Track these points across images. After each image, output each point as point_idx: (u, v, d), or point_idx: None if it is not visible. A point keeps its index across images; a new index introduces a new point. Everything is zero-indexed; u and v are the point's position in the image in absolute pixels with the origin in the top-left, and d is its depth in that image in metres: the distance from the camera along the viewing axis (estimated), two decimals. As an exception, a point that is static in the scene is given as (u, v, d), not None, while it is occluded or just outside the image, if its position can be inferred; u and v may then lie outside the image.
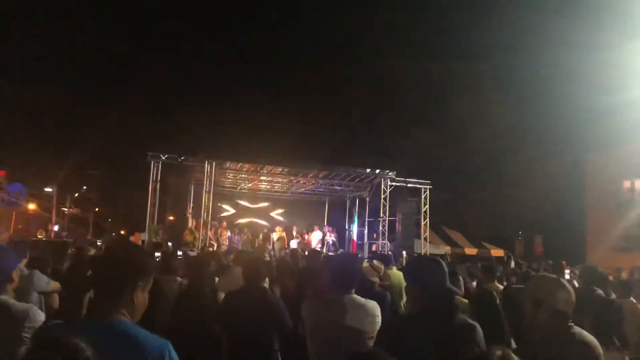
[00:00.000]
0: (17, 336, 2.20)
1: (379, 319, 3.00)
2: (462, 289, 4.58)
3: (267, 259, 6.96)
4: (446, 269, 2.42)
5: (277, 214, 20.95)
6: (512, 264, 11.05)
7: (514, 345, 2.96)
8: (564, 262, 14.27)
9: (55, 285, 4.33)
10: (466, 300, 3.95)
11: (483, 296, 3.66)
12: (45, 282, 4.14)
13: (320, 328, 3.06)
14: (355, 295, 3.10)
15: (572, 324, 2.38)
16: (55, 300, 4.32)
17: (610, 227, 25.86)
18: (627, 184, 26.93)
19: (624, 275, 9.84)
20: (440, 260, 2.44)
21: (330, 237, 19.06)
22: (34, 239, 18.82)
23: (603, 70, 25.23)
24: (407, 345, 2.21)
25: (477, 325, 2.32)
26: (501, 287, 5.58)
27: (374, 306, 3.07)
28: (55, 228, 28.33)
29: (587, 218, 28.89)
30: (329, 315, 3.01)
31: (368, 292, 4.64)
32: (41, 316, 2.34)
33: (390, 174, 17.91)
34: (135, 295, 1.74)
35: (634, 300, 4.81)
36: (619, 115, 23.84)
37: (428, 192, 18.88)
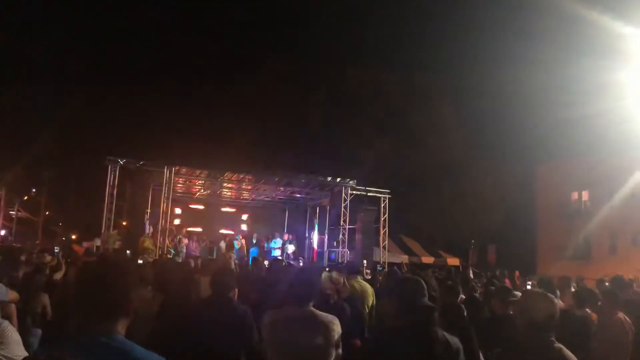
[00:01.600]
0: None
1: (336, 332, 3.02)
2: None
3: (233, 267, 6.89)
4: (425, 287, 2.50)
5: (240, 220, 20.75)
6: (471, 274, 11.34)
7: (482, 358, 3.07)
8: (517, 272, 14.77)
9: (13, 295, 4.16)
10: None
11: (451, 308, 3.75)
12: (4, 291, 3.96)
13: (279, 342, 3.07)
14: (312, 309, 3.12)
15: (554, 339, 2.49)
16: (12, 309, 4.15)
17: (559, 237, 26.98)
18: (575, 194, 28.16)
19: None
20: (419, 279, 2.52)
21: (290, 245, 19.04)
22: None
23: (557, 86, 26.38)
24: (389, 358, 2.25)
25: (457, 340, 2.40)
26: (463, 296, 5.73)
27: (332, 319, 3.09)
28: (2, 232, 27.10)
29: (538, 228, 30.02)
30: (287, 329, 3.02)
31: (325, 305, 4.68)
32: (13, 332, 2.26)
33: (350, 182, 18.10)
34: (129, 309, 1.73)
35: (589, 311, 5.03)
36: (568, 130, 24.95)
37: (387, 201, 19.17)
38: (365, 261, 14.56)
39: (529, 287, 6.92)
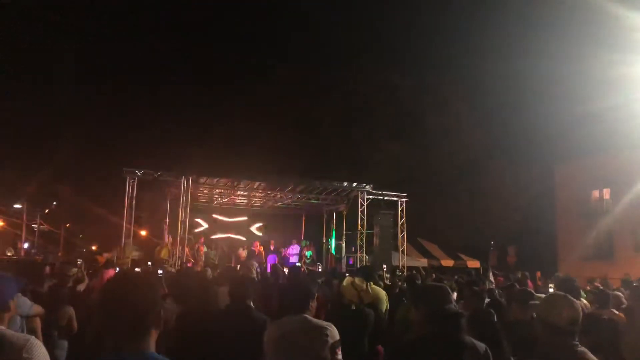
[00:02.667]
0: None
1: (330, 338, 3.03)
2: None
3: (254, 275, 6.89)
4: (450, 293, 2.48)
5: (255, 228, 20.79)
6: (491, 276, 11.21)
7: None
8: (538, 273, 14.56)
9: (37, 309, 4.21)
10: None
11: (480, 314, 3.70)
12: (28, 306, 4.03)
13: (276, 350, 3.11)
14: (307, 316, 3.14)
15: (577, 343, 2.44)
16: (37, 323, 4.20)
17: (580, 236, 26.50)
18: (596, 193, 27.66)
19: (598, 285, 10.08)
20: (445, 285, 2.50)
21: (308, 252, 19.03)
22: (2, 257, 18.29)
23: (573, 81, 26.05)
24: None
25: (486, 347, 2.37)
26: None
27: (326, 325, 3.11)
28: (25, 245, 27.55)
29: (557, 227, 29.56)
30: (284, 340, 3.05)
31: (347, 310, 4.66)
32: (41, 347, 2.26)
33: (367, 187, 18.03)
34: (157, 322, 1.72)
35: (616, 311, 4.93)
36: (588, 126, 24.60)
37: (404, 204, 19.06)
38: (385, 266, 14.47)
39: (550, 290, 6.78)
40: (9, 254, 20.57)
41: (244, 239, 19.71)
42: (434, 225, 31.19)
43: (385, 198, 18.92)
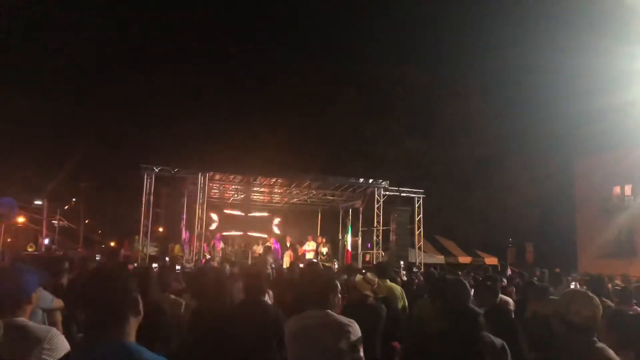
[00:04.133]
0: (36, 359, 2.19)
1: (352, 335, 3.01)
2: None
3: (270, 271, 6.91)
4: (469, 289, 2.44)
5: (272, 224, 20.84)
6: (509, 272, 11.09)
7: None
8: (557, 270, 14.36)
9: (58, 303, 4.27)
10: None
11: (498, 310, 3.65)
12: (49, 300, 4.08)
13: (298, 345, 3.09)
14: (329, 311, 3.12)
15: (596, 339, 2.39)
16: (58, 317, 4.27)
17: (600, 233, 26.08)
18: (616, 189, 27.19)
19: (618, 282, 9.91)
20: (464, 280, 2.46)
21: (324, 248, 19.03)
22: (24, 252, 18.61)
23: (592, 75, 25.60)
24: None
25: (503, 343, 2.34)
26: (510, 299, 5.56)
27: (348, 322, 3.08)
28: (46, 241, 28.00)
29: (577, 224, 29.13)
30: (306, 334, 3.03)
31: (361, 305, 4.63)
32: (62, 339, 2.32)
33: (383, 183, 17.95)
34: (137, 313, 1.75)
35: (638, 308, 4.83)
36: (608, 120, 24.15)
37: (421, 201, 18.93)
38: (402, 262, 14.40)
39: (572, 286, 6.67)
40: (30, 249, 20.92)
41: (260, 235, 19.78)
42: (451, 222, 30.96)
43: (402, 194, 18.82)
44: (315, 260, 15.65)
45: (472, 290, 6.24)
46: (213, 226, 18.87)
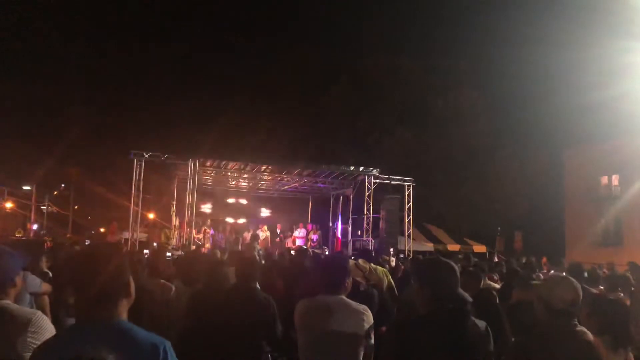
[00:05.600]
0: (21, 342, 2.16)
1: (366, 322, 3.01)
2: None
3: (257, 258, 6.93)
4: (458, 274, 2.45)
5: (261, 212, 20.86)
6: (495, 259, 11.22)
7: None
8: (544, 258, 14.52)
9: (46, 287, 4.31)
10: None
11: (482, 295, 3.69)
12: (37, 283, 4.12)
13: (310, 331, 3.06)
14: (343, 297, 3.11)
15: (577, 323, 2.45)
16: (46, 301, 4.27)
17: (588, 222, 26.37)
18: (604, 179, 27.44)
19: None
20: (453, 264, 2.47)
21: (314, 235, 19.10)
22: (12, 237, 18.50)
23: (582, 68, 25.76)
24: (417, 348, 2.23)
25: (486, 325, 2.36)
26: (497, 285, 5.62)
27: (363, 309, 3.08)
28: (34, 227, 27.83)
29: (566, 214, 29.40)
30: (319, 318, 3.01)
31: (355, 292, 4.66)
32: (47, 323, 2.30)
33: (373, 171, 17.99)
34: (129, 292, 1.76)
35: (622, 295, 4.91)
36: (597, 113, 24.32)
37: (411, 189, 19.01)
38: (392, 249, 14.50)
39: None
40: (18, 235, 20.80)
41: (250, 222, 19.81)
42: (441, 211, 31.16)
43: (392, 182, 18.88)
44: (305, 247, 15.70)
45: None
46: (204, 213, 18.84)
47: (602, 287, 5.40)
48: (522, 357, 2.46)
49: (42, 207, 30.19)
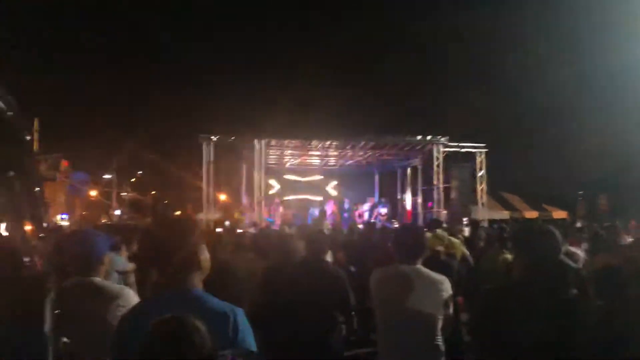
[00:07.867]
0: (111, 313, 2.38)
1: (445, 292, 3.01)
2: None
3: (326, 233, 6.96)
4: (560, 241, 2.29)
5: (330, 187, 20.82)
6: (578, 224, 10.55)
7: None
8: (632, 221, 13.45)
9: (131, 266, 4.63)
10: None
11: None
12: (123, 262, 4.48)
13: (388, 299, 3.09)
14: (421, 267, 3.10)
15: None
16: (132, 279, 4.58)
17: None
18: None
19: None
20: (554, 229, 2.30)
21: (383, 209, 18.89)
22: (98, 223, 19.72)
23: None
24: (509, 313, 2.16)
25: (590, 303, 2.27)
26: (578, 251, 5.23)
27: (443, 279, 3.06)
28: (117, 212, 29.54)
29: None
30: (397, 287, 3.02)
31: (434, 261, 4.52)
32: (135, 298, 2.53)
33: (442, 139, 17.31)
34: (203, 264, 1.85)
35: None
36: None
37: (483, 156, 18.20)
38: (465, 219, 14.03)
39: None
40: (103, 220, 22.15)
41: (318, 198, 19.86)
42: (516, 176, 29.84)
43: (463, 150, 18.13)
44: (373, 221, 15.53)
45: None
46: (273, 191, 19.13)
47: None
48: (609, 324, 2.29)
49: (122, 193, 31.96)
